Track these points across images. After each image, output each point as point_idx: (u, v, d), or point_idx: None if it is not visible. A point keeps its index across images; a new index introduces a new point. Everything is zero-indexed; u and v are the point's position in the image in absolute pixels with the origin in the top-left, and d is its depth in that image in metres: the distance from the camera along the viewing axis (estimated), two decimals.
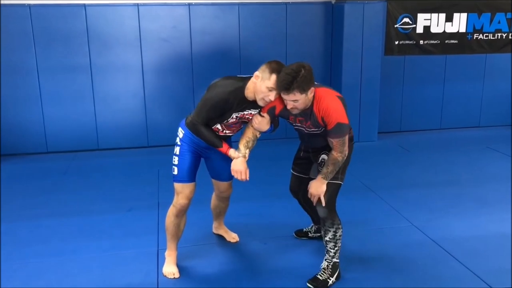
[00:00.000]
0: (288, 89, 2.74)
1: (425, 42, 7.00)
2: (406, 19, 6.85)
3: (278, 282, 3.22)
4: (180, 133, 3.21)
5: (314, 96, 2.89)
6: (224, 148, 3.07)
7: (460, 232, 3.92)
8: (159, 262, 3.45)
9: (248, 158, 3.08)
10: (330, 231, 3.14)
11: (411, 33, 6.92)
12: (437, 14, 6.92)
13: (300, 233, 3.84)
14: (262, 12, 6.49)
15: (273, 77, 2.83)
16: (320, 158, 3.15)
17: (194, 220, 3.84)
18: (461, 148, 6.45)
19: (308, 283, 3.14)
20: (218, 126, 3.10)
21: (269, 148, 6.14)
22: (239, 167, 3.02)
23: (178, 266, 3.35)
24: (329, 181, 3.04)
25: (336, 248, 3.18)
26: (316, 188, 3.03)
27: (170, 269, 3.30)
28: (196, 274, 3.33)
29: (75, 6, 6.00)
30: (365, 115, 6.63)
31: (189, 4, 6.26)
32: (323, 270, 3.18)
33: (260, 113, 3.05)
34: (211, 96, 2.97)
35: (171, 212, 3.27)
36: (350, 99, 6.25)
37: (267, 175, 5.17)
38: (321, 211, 3.10)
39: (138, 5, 6.14)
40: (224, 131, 3.15)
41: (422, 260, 3.47)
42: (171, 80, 6.47)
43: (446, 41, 7.05)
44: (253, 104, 3.01)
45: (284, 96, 2.82)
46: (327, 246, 3.19)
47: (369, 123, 6.70)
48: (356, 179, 5.03)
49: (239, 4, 6.40)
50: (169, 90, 6.50)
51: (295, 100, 2.81)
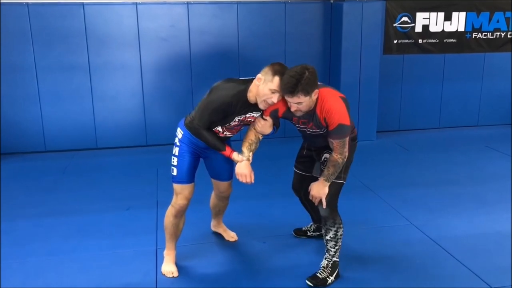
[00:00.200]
0: (293, 92, 2.72)
1: (424, 41, 7.00)
2: (405, 18, 6.85)
3: (277, 281, 3.22)
4: (179, 134, 3.18)
5: (317, 97, 2.88)
6: (228, 152, 3.05)
7: (459, 231, 3.92)
8: (158, 261, 3.44)
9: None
10: (332, 230, 3.14)
11: (410, 32, 6.92)
12: (436, 13, 6.92)
13: (299, 232, 3.84)
14: (261, 11, 6.48)
15: (276, 79, 2.80)
16: (323, 157, 3.15)
17: (193, 220, 3.84)
18: (460, 147, 6.46)
19: (308, 281, 3.14)
20: (219, 128, 3.08)
21: (268, 148, 6.10)
22: (244, 171, 3.00)
23: (177, 265, 3.34)
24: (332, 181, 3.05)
25: (337, 247, 3.18)
26: (318, 191, 3.03)
27: (169, 268, 3.30)
28: (195, 273, 3.33)
29: (74, 5, 5.99)
30: (364, 114, 6.62)
31: (188, 3, 6.25)
32: (323, 269, 3.18)
33: (263, 116, 3.03)
34: (213, 100, 2.93)
35: (170, 212, 3.26)
36: (349, 98, 6.15)
37: (266, 175, 5.15)
38: (323, 210, 3.10)
39: (137, 4, 6.13)
40: (225, 133, 3.13)
41: (421, 259, 3.48)
42: (170, 79, 6.46)
43: (445, 40, 7.05)
44: (256, 107, 2.98)
45: (288, 99, 2.80)
46: (328, 245, 3.19)
47: (368, 122, 6.70)
48: (355, 178, 5.02)
49: (238, 3, 6.39)
50: (168, 89, 6.49)
51: (299, 103, 2.79)
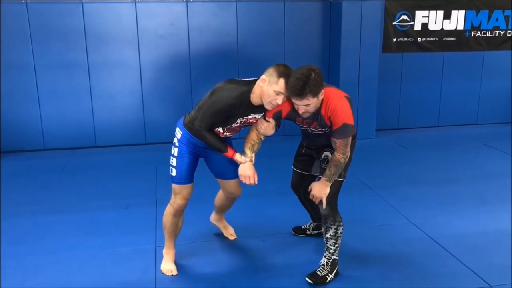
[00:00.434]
0: (301, 95, 2.71)
1: (423, 40, 6.99)
2: (404, 17, 6.85)
3: (277, 279, 3.22)
4: (178, 134, 3.15)
5: (323, 97, 2.87)
6: (230, 153, 3.03)
7: (458, 229, 3.92)
8: (157, 259, 3.44)
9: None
10: (332, 228, 3.14)
11: (409, 31, 6.92)
12: (435, 12, 6.92)
13: (298, 230, 3.84)
14: (260, 9, 6.47)
15: (281, 82, 2.78)
16: (323, 155, 3.15)
17: (193, 218, 3.83)
18: (459, 146, 6.46)
19: (307, 278, 3.14)
20: (220, 129, 3.04)
21: (267, 146, 6.09)
22: (247, 172, 2.99)
23: (176, 264, 3.34)
24: None
25: (336, 246, 3.18)
26: (319, 191, 3.03)
27: (168, 267, 3.29)
28: (194, 272, 3.33)
29: (72, 3, 5.98)
30: (363, 113, 6.63)
31: (187, 1, 6.24)
32: (323, 267, 3.18)
33: (265, 118, 3.01)
34: (216, 101, 2.89)
35: (169, 211, 3.26)
36: None
37: (265, 173, 5.11)
38: (324, 209, 3.09)
39: (136, 2, 6.12)
40: (225, 134, 3.10)
41: (421, 257, 3.48)
42: (169, 77, 6.46)
43: (444, 39, 7.05)
44: (258, 108, 2.96)
45: (297, 102, 2.78)
46: (328, 243, 3.19)
47: (367, 121, 6.70)
48: (354, 177, 5.02)
49: (237, 1, 6.38)
50: (167, 87, 6.49)
51: (308, 105, 2.78)
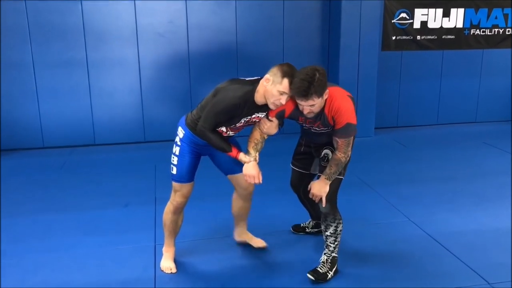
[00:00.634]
0: (306, 96, 2.70)
1: (422, 38, 6.99)
2: (403, 14, 6.85)
3: (276, 277, 3.23)
4: (180, 133, 3.13)
5: (327, 97, 2.87)
6: (234, 153, 3.01)
7: (457, 227, 3.93)
8: (157, 257, 3.44)
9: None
10: (332, 226, 3.14)
11: (408, 29, 6.92)
12: (434, 10, 6.92)
13: (298, 228, 3.84)
14: (259, 7, 6.46)
15: (285, 82, 2.77)
16: (323, 153, 3.15)
17: (192, 216, 3.83)
18: (458, 144, 6.47)
19: (309, 274, 3.13)
20: (223, 129, 3.03)
21: (266, 144, 6.12)
22: (252, 172, 2.99)
23: (176, 262, 3.35)
24: None
25: (336, 243, 3.19)
26: (319, 189, 3.02)
27: (168, 264, 3.30)
28: (194, 270, 3.33)
29: (71, 1, 5.96)
30: (362, 111, 6.62)
31: None
32: (323, 264, 3.18)
33: (268, 117, 3.00)
34: (220, 101, 2.87)
35: (169, 209, 3.26)
36: None
37: (264, 171, 5.14)
38: (324, 207, 3.09)
39: (135, 0, 6.11)
40: (228, 133, 3.09)
41: (419, 255, 3.48)
42: (168, 75, 6.45)
43: (443, 37, 7.05)
44: (262, 108, 2.95)
45: (302, 103, 2.78)
46: (327, 241, 3.19)
47: (366, 119, 6.70)
48: (353, 175, 5.02)
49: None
50: (166, 85, 6.48)
51: (312, 105, 2.78)
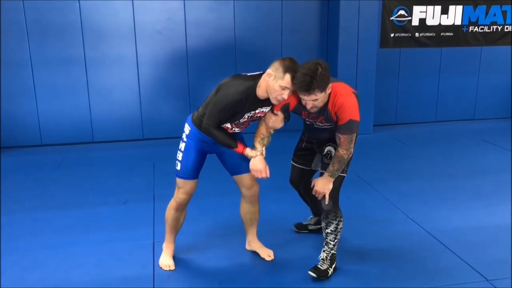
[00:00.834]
0: (309, 90, 2.69)
1: (421, 35, 6.99)
2: (402, 12, 6.85)
3: (276, 275, 3.22)
4: (187, 130, 3.13)
5: (330, 92, 2.86)
6: (240, 148, 3.00)
7: (456, 224, 3.93)
8: (155, 255, 3.44)
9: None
10: (333, 224, 3.13)
11: (407, 26, 6.91)
12: (433, 7, 6.91)
13: (300, 227, 3.80)
14: (257, 4, 6.45)
15: (287, 77, 2.76)
16: (326, 150, 3.13)
17: (193, 214, 3.81)
18: (456, 141, 6.47)
19: (310, 272, 3.12)
20: (228, 125, 3.02)
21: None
22: (259, 166, 2.98)
23: (175, 259, 3.34)
24: None
25: (336, 240, 3.18)
26: (323, 186, 3.01)
27: (166, 262, 3.30)
28: (193, 267, 3.33)
29: None
30: (360, 108, 6.44)
31: None
32: (323, 261, 3.18)
33: (273, 111, 2.99)
34: (222, 98, 2.87)
35: (171, 206, 3.26)
36: None
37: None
38: (326, 204, 3.08)
39: None
40: (233, 129, 3.07)
41: (418, 252, 3.49)
42: (166, 72, 6.44)
43: (442, 34, 7.05)
44: (265, 102, 2.94)
45: (305, 97, 2.77)
46: (327, 238, 3.18)
47: (365, 116, 6.59)
48: (352, 172, 4.97)
49: None
50: (164, 82, 6.47)
51: (315, 100, 2.77)
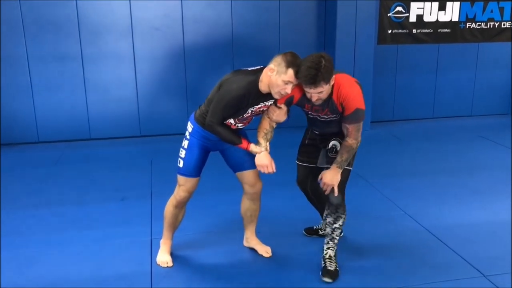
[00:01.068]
0: (314, 83, 2.69)
1: (418, 31, 6.99)
2: (399, 8, 6.84)
3: (275, 273, 3.22)
4: (189, 127, 3.12)
5: (334, 83, 2.86)
6: (244, 144, 2.99)
7: (453, 220, 3.94)
8: (153, 251, 3.44)
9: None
10: (342, 218, 3.08)
11: (404, 22, 6.91)
12: (430, 3, 6.91)
13: (310, 231, 3.69)
14: (255, 1, 6.44)
15: (290, 72, 2.76)
16: (331, 144, 3.09)
17: (192, 211, 3.80)
18: (453, 137, 6.48)
19: (325, 278, 3.02)
20: (231, 121, 3.00)
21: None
22: (264, 161, 2.97)
23: (173, 255, 3.34)
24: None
25: (341, 235, 3.16)
26: (331, 178, 2.95)
27: (164, 258, 3.29)
28: (190, 263, 3.33)
29: None
30: None
31: None
32: (330, 260, 3.10)
33: (277, 105, 2.98)
34: (225, 94, 2.86)
35: (171, 202, 3.25)
36: None
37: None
38: (335, 198, 3.03)
39: None
40: (237, 125, 3.06)
41: (415, 248, 3.49)
42: (164, 69, 6.42)
43: (439, 30, 7.05)
44: (267, 97, 2.93)
45: (310, 90, 2.76)
46: (334, 233, 3.11)
47: None
48: None
49: None
50: (162, 79, 6.46)
51: (320, 92, 2.76)
